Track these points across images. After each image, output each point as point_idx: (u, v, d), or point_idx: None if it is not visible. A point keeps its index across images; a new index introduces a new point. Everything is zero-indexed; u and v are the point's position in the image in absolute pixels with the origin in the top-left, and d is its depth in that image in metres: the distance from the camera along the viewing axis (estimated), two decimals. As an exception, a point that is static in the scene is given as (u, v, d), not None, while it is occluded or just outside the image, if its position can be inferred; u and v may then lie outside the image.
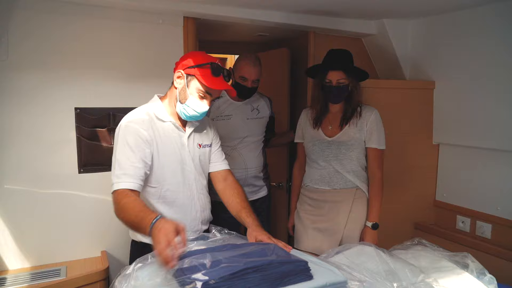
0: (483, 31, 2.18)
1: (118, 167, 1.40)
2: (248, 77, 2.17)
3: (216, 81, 1.47)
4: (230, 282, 1.05)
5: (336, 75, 1.94)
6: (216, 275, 1.05)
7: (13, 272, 1.90)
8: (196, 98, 1.48)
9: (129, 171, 1.40)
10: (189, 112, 1.50)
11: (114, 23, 2.04)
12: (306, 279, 1.16)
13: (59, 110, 1.96)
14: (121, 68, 2.07)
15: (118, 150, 1.43)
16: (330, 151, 2.02)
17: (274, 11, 2.30)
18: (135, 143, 1.43)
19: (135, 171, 1.41)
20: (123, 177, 1.38)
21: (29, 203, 1.93)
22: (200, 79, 1.46)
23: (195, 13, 2.15)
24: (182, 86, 1.50)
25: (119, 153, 1.43)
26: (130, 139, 1.43)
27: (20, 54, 1.86)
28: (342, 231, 2.01)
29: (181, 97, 1.50)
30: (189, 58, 1.50)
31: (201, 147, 1.62)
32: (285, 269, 1.14)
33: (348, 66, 1.96)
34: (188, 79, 1.48)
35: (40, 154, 1.94)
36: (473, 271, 1.54)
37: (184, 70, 1.48)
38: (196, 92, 1.48)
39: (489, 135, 2.22)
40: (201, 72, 1.46)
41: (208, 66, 1.46)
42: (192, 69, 1.47)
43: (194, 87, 1.48)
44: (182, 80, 1.50)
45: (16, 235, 1.92)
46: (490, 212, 2.26)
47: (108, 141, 2.06)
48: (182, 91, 1.50)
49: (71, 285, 1.81)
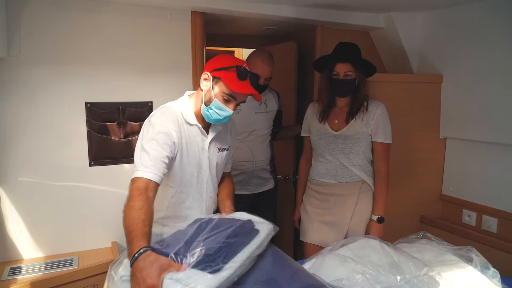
0: (491, 24, 2.16)
1: (146, 157, 1.40)
2: (261, 75, 2.19)
3: (241, 85, 1.45)
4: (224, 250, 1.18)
5: (344, 67, 1.94)
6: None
7: (28, 261, 1.95)
8: (220, 101, 1.48)
9: (155, 162, 1.39)
10: (213, 116, 1.50)
11: (123, 18, 2.06)
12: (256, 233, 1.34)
13: (70, 104, 2.00)
14: (130, 62, 2.10)
15: (146, 142, 1.43)
16: (336, 145, 2.03)
17: (282, 5, 2.30)
18: (164, 141, 1.44)
19: (160, 165, 1.40)
20: (148, 167, 1.38)
21: (42, 195, 1.98)
22: (225, 81, 1.44)
23: (203, 7, 2.16)
24: (207, 88, 1.50)
25: (147, 145, 1.42)
26: (160, 136, 1.44)
27: (32, 50, 1.89)
28: (347, 224, 2.03)
29: (206, 99, 1.50)
30: (217, 60, 1.50)
31: (220, 150, 1.65)
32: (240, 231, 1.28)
33: (356, 59, 1.97)
34: (214, 82, 1.47)
35: (52, 148, 1.98)
36: (477, 265, 1.56)
37: (210, 72, 1.48)
38: (221, 95, 1.47)
39: (496, 129, 2.21)
40: (227, 75, 1.45)
41: (234, 69, 1.44)
42: (218, 71, 1.46)
43: (219, 90, 1.47)
44: (208, 82, 1.50)
45: (30, 226, 1.97)
46: (496, 207, 2.27)
47: (118, 135, 2.10)
48: (207, 93, 1.50)
49: (83, 275, 1.86)
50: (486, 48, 2.21)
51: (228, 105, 1.49)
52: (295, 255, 2.87)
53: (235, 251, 1.20)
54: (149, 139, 1.43)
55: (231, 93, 1.46)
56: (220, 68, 1.46)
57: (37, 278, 1.78)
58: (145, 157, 1.40)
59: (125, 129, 2.11)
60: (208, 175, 1.62)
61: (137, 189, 1.33)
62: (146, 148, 1.41)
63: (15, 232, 1.95)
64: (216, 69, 1.47)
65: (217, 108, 1.48)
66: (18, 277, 1.80)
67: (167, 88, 2.19)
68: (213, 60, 1.51)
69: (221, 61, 1.48)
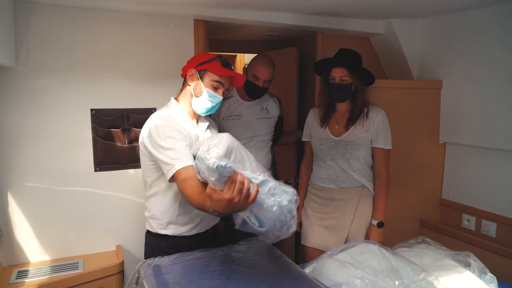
0: (490, 31, 2.19)
1: (172, 152, 1.44)
2: (261, 77, 2.22)
3: (226, 70, 1.63)
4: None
5: (339, 72, 1.98)
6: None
7: (34, 265, 2.00)
8: (210, 90, 1.62)
9: (180, 153, 1.43)
10: (205, 104, 1.64)
11: (127, 27, 2.10)
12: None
13: (76, 111, 2.05)
14: (134, 70, 2.14)
15: (164, 142, 1.46)
16: (337, 151, 2.06)
17: (283, 13, 2.33)
18: (179, 136, 1.51)
19: (186, 152, 1.45)
20: (176, 160, 1.41)
21: (48, 200, 2.03)
22: (212, 70, 1.61)
23: (206, 16, 2.20)
24: (196, 82, 1.64)
25: (165, 144, 1.46)
26: (174, 133, 1.50)
27: (39, 59, 1.94)
28: (348, 228, 2.06)
29: (196, 92, 1.63)
30: (197, 58, 1.68)
31: None
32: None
33: (351, 64, 2.00)
34: (201, 74, 1.63)
35: (58, 154, 2.03)
36: (475, 270, 1.58)
37: (195, 68, 1.63)
38: (210, 83, 1.62)
39: (496, 135, 2.24)
40: (212, 65, 1.62)
41: (218, 59, 1.63)
42: (203, 65, 1.62)
43: (208, 79, 1.63)
44: (195, 75, 1.64)
45: (37, 230, 2.02)
46: (495, 211, 2.29)
47: (122, 141, 2.14)
48: (196, 86, 1.63)
49: (89, 278, 1.90)
50: (485, 54, 2.24)
51: (217, 92, 1.65)
52: (296, 259, 2.90)
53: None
54: (165, 139, 1.47)
55: (219, 78, 1.63)
56: (204, 62, 1.63)
57: (44, 281, 1.82)
58: (171, 153, 1.44)
59: (129, 135, 2.15)
60: None
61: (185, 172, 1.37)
62: (168, 146, 1.46)
63: (23, 236, 2.00)
64: (200, 64, 1.63)
65: (209, 96, 1.63)
66: (25, 280, 1.84)
67: (171, 94, 2.19)
68: (193, 60, 1.69)
69: (201, 57, 1.67)
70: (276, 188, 1.20)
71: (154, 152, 1.49)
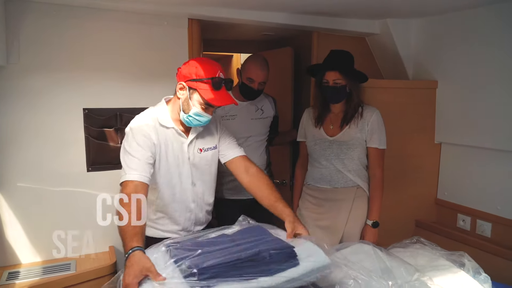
0: (486, 31, 2.19)
1: (129, 161, 1.47)
2: (256, 79, 2.21)
3: (217, 96, 1.49)
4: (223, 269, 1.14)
5: (332, 75, 1.97)
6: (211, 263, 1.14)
7: (25, 266, 1.97)
8: (199, 109, 1.52)
9: (138, 165, 1.46)
10: (193, 122, 1.56)
11: (120, 26, 2.08)
12: (293, 265, 1.23)
13: (68, 111, 2.03)
14: (127, 69, 2.13)
15: (128, 148, 1.50)
16: (332, 151, 2.06)
17: (278, 13, 2.32)
18: (144, 143, 1.51)
19: (144, 166, 1.47)
20: (132, 170, 1.45)
21: (40, 200, 2.01)
22: (202, 93, 1.49)
23: (200, 15, 2.19)
24: (185, 97, 1.54)
25: (129, 150, 1.50)
26: (139, 139, 1.51)
27: (31, 57, 1.92)
28: (342, 229, 2.05)
29: (184, 107, 1.54)
30: (191, 68, 1.51)
31: (202, 151, 1.66)
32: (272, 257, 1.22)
33: (344, 67, 1.99)
34: (191, 92, 1.52)
35: (50, 154, 2.01)
36: (469, 270, 1.57)
37: (185, 82, 1.51)
38: (199, 104, 1.51)
39: (491, 135, 2.23)
40: (202, 87, 1.48)
41: (209, 81, 1.48)
42: (193, 82, 1.49)
43: (196, 100, 1.51)
44: (184, 91, 1.54)
45: (28, 231, 2.00)
46: (490, 211, 2.28)
47: (115, 141, 2.13)
48: (185, 102, 1.54)
49: (81, 279, 1.88)
50: (481, 53, 2.23)
51: (207, 111, 1.53)
52: (292, 259, 2.88)
53: (234, 274, 1.14)
54: (131, 143, 1.50)
55: (207, 103, 1.50)
56: (196, 79, 1.49)
57: (35, 282, 1.80)
58: (130, 160, 1.47)
59: (122, 135, 2.12)
60: (191, 176, 1.64)
61: (126, 187, 1.42)
62: (130, 151, 1.49)
63: (14, 236, 1.97)
64: (192, 80, 1.49)
65: (196, 115, 1.53)
66: (16, 281, 1.82)
67: (165, 94, 2.17)
68: (186, 68, 1.52)
69: (196, 70, 1.49)
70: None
71: (121, 149, 1.52)
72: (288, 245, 1.28)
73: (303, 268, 1.23)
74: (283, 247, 1.26)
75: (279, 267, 1.21)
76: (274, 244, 1.28)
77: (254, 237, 1.35)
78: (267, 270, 1.18)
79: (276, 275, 1.18)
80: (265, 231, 1.41)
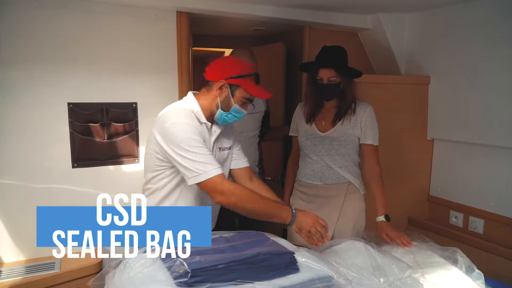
0: (478, 26, 2.17)
1: (201, 157, 1.41)
2: None
3: (259, 90, 1.55)
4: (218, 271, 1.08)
5: (327, 73, 1.93)
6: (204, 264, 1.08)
7: (8, 265, 1.92)
8: (238, 106, 1.55)
9: (211, 159, 1.43)
10: (231, 119, 1.57)
11: (107, 18, 2.03)
12: (292, 272, 1.17)
13: (52, 105, 1.97)
14: (114, 63, 2.07)
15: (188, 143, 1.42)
16: (323, 146, 2.03)
17: (269, 6, 2.28)
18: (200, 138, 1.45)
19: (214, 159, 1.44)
20: (212, 164, 1.41)
21: (23, 197, 1.95)
22: (246, 88, 1.52)
23: (188, 8, 2.14)
24: (225, 95, 1.53)
25: (191, 146, 1.41)
26: (196, 136, 1.44)
27: (12, 50, 1.86)
28: (334, 225, 2.02)
29: (224, 105, 1.54)
30: (230, 67, 1.53)
31: (221, 150, 1.64)
32: (272, 262, 1.16)
33: (338, 64, 1.95)
34: (233, 89, 1.53)
35: (33, 149, 1.95)
36: (462, 267, 1.56)
37: (227, 80, 1.52)
38: (240, 100, 1.54)
39: (484, 131, 2.22)
40: (246, 82, 1.52)
41: (253, 76, 1.54)
42: (236, 79, 1.52)
43: (239, 95, 1.54)
44: (225, 89, 1.53)
45: (11, 229, 1.94)
46: (482, 208, 2.27)
47: (101, 136, 2.07)
48: (225, 100, 1.54)
49: (65, 278, 1.84)
50: (473, 49, 2.22)
51: (244, 107, 1.57)
52: (284, 257, 2.86)
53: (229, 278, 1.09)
54: (190, 140, 1.42)
55: (250, 96, 1.55)
56: (238, 76, 1.52)
57: (16, 282, 1.75)
58: (201, 158, 1.41)
59: (109, 130, 2.08)
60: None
61: (222, 180, 1.42)
62: (195, 150, 1.41)
63: (-5, 235, 1.91)
64: (233, 77, 1.51)
65: (236, 112, 1.56)
66: (-3, 281, 1.77)
67: (152, 88, 2.17)
68: (224, 67, 1.54)
69: (235, 67, 1.53)
70: None
71: (171, 153, 1.42)
72: (288, 251, 1.24)
73: (303, 276, 1.17)
74: (282, 252, 1.22)
75: (278, 272, 1.15)
76: (273, 249, 1.24)
77: (252, 238, 1.31)
78: (265, 275, 1.13)
79: (273, 280, 1.13)
80: (264, 235, 1.36)
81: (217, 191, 1.41)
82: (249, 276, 1.11)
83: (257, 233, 1.40)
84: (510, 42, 2.03)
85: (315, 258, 1.27)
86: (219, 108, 1.54)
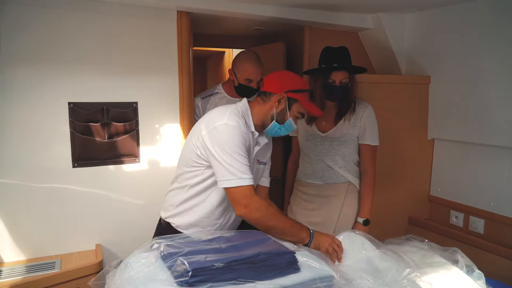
0: (479, 26, 2.17)
1: (239, 164, 1.39)
2: (254, 79, 2.20)
3: (314, 106, 1.60)
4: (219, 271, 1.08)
5: (341, 76, 1.94)
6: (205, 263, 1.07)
7: (8, 265, 1.92)
8: (293, 120, 1.57)
9: (248, 169, 1.42)
10: (283, 132, 1.59)
11: (107, 17, 2.02)
12: (293, 271, 1.17)
13: (53, 104, 1.96)
14: (114, 62, 2.06)
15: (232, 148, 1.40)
16: (323, 147, 2.03)
17: (269, 6, 2.28)
18: (244, 147, 1.44)
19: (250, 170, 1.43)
20: (247, 173, 1.40)
21: (24, 197, 1.95)
22: (304, 104, 1.56)
23: (189, 7, 2.13)
24: (282, 107, 1.54)
25: (234, 152, 1.40)
26: (241, 144, 1.43)
27: (13, 49, 1.85)
28: (334, 225, 2.02)
29: (279, 117, 1.56)
30: (289, 81, 1.55)
31: (259, 163, 1.64)
32: (273, 261, 1.16)
33: (351, 66, 1.97)
34: (291, 102, 1.55)
35: (34, 149, 1.95)
36: (462, 267, 1.55)
37: (286, 93, 1.53)
38: (295, 114, 1.57)
39: (484, 131, 2.22)
40: (303, 97, 1.56)
41: (308, 93, 1.58)
42: (294, 93, 1.54)
43: (295, 110, 1.56)
44: (283, 101, 1.54)
45: (11, 229, 1.94)
46: (483, 208, 2.27)
47: (101, 136, 2.07)
48: (281, 112, 1.55)
49: (66, 278, 1.83)
50: (474, 49, 2.21)
51: (296, 121, 1.60)
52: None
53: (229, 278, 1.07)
54: (234, 145, 1.41)
55: (305, 112, 1.58)
56: (296, 91, 1.54)
57: (17, 281, 1.74)
58: (239, 164, 1.40)
59: (109, 129, 2.08)
60: None
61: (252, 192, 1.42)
62: (236, 156, 1.40)
63: (-4, 235, 1.91)
64: (292, 91, 1.53)
65: (289, 126, 1.58)
66: (-3, 281, 1.76)
67: (153, 88, 2.17)
68: (285, 79, 1.56)
69: (296, 82, 1.56)
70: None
71: (213, 151, 1.40)
72: (289, 250, 1.23)
73: (304, 275, 1.17)
74: (283, 252, 1.21)
75: (278, 272, 1.15)
76: (274, 248, 1.23)
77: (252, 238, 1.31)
78: (266, 274, 1.12)
79: (274, 280, 1.12)
80: (265, 235, 1.36)
81: (242, 203, 1.39)
82: (250, 275, 1.10)
83: (258, 232, 1.40)
84: (510, 42, 2.02)
85: (316, 258, 1.27)
86: (273, 119, 1.55)
